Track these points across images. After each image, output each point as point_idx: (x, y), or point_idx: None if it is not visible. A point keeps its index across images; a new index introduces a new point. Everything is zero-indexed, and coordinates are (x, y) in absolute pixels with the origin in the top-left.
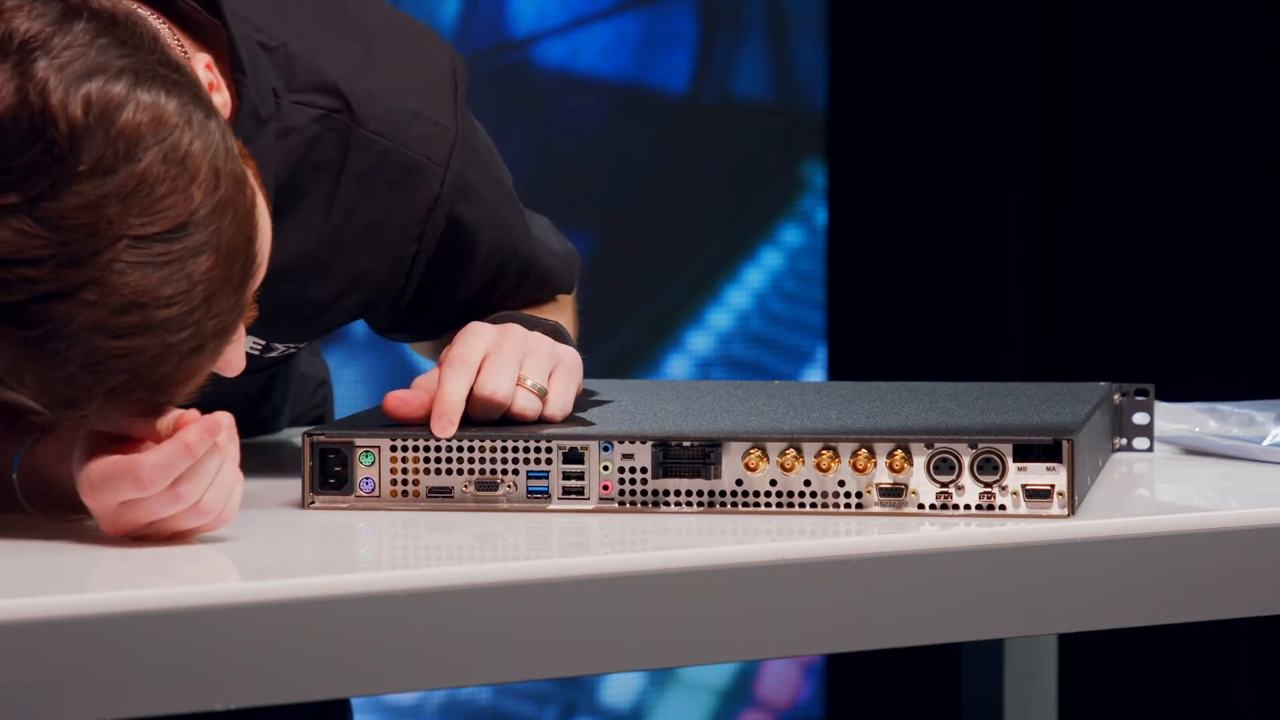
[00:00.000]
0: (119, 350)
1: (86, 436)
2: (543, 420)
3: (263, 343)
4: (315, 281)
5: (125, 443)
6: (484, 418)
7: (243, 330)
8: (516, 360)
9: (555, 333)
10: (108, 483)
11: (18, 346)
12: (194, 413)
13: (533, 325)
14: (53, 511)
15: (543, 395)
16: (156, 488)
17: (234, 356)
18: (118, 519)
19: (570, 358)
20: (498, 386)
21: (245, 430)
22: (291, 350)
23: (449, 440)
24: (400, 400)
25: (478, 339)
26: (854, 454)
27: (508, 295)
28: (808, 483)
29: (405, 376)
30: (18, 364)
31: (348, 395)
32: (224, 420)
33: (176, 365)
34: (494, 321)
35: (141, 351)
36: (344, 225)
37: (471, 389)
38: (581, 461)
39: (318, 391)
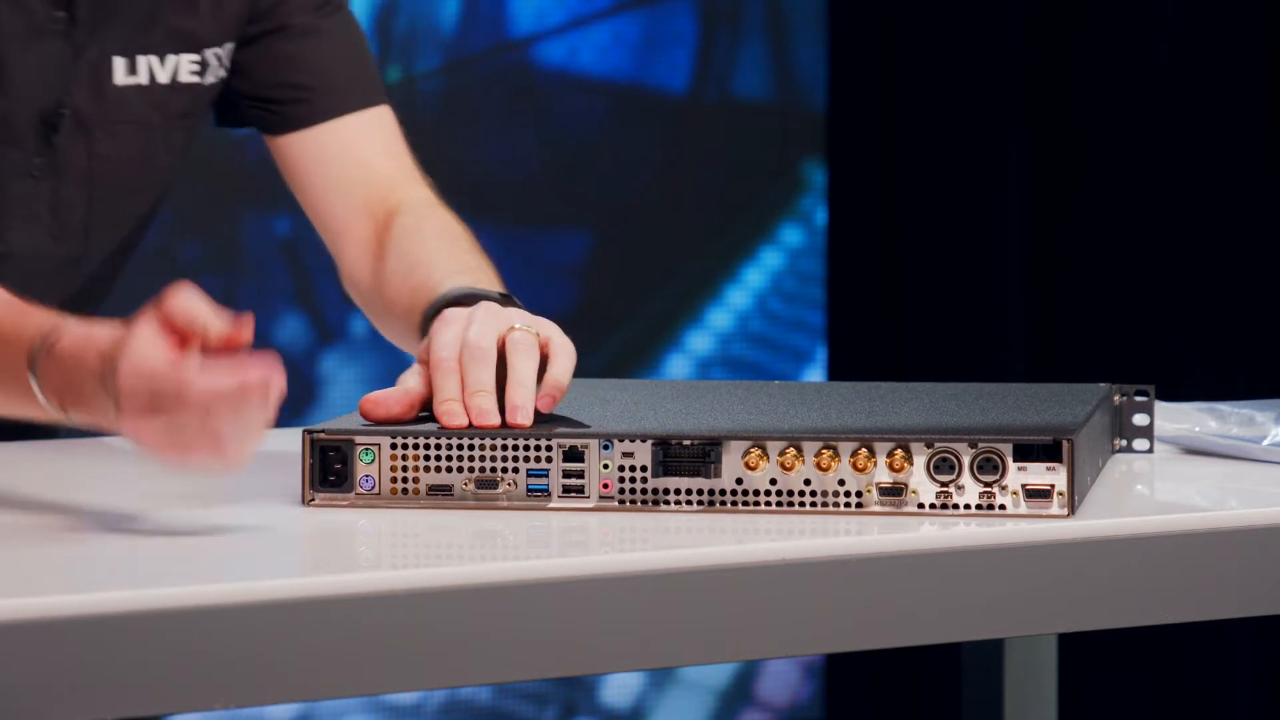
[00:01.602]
0: None
1: (142, 324)
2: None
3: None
4: None
5: (174, 340)
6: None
7: None
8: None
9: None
10: (155, 391)
11: None
12: (248, 331)
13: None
14: (69, 402)
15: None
16: (197, 412)
17: None
18: (140, 419)
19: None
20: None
21: None
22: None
23: (449, 439)
24: (374, 402)
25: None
26: (854, 453)
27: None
28: (808, 482)
29: None
30: None
31: (347, 395)
32: (278, 378)
33: None
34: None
35: None
36: None
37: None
38: (581, 460)
39: None
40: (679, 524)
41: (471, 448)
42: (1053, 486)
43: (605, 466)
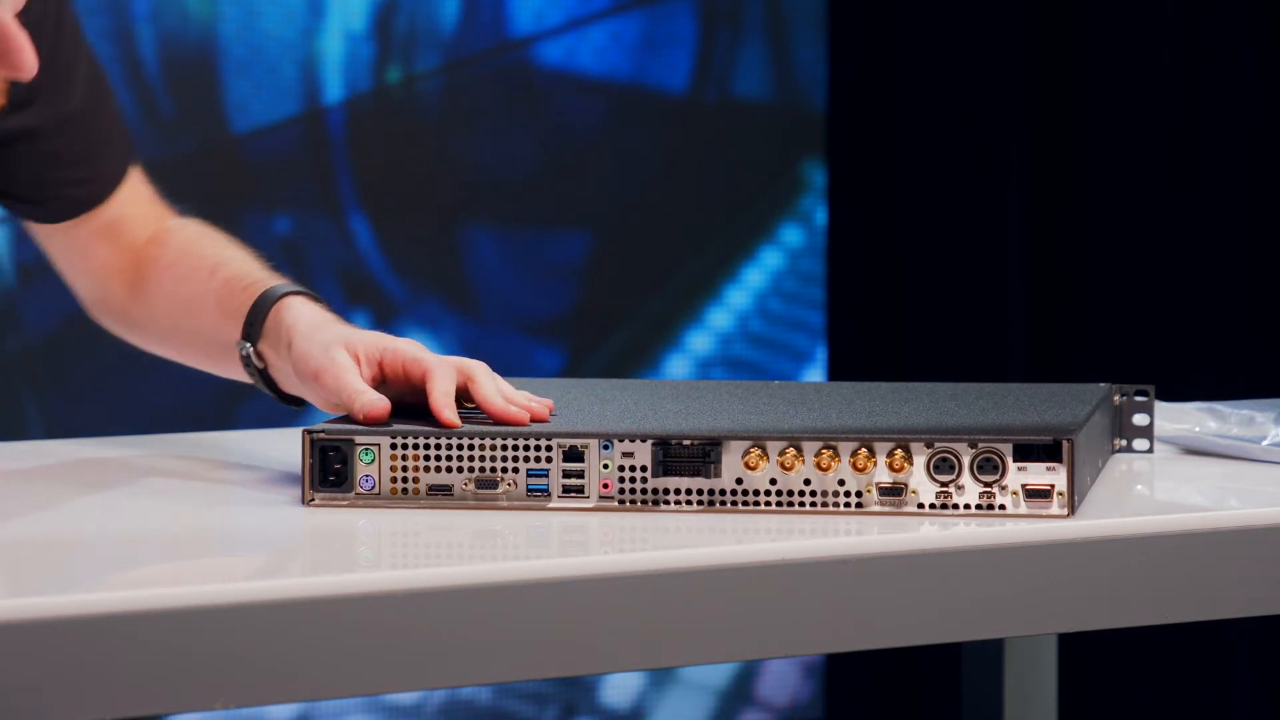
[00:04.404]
0: None
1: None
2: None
3: None
4: None
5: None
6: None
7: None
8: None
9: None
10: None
11: None
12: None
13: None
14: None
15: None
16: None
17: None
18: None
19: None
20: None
21: None
22: None
23: (449, 439)
24: (364, 410)
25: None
26: (854, 453)
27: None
28: (808, 482)
29: None
30: None
31: None
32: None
33: None
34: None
35: None
36: None
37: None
38: (581, 460)
39: None
40: (679, 524)
41: (471, 448)
42: (1053, 486)
43: (605, 466)
